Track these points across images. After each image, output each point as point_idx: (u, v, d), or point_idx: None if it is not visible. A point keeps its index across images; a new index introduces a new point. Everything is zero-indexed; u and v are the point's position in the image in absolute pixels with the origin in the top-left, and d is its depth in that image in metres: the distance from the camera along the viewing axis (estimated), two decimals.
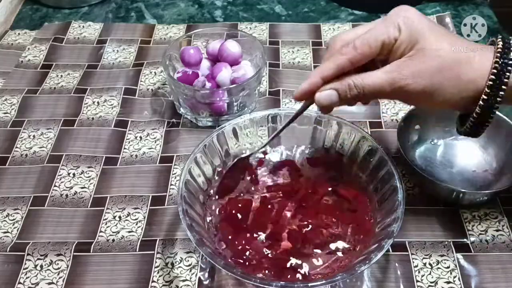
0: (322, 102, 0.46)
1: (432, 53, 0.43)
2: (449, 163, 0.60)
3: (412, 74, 0.43)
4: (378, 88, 0.44)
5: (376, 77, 0.44)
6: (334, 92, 0.45)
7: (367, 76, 0.44)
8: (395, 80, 0.43)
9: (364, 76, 0.45)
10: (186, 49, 0.67)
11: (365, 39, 0.45)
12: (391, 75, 0.43)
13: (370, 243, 0.46)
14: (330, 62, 0.46)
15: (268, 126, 0.57)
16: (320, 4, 0.89)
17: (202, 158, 0.52)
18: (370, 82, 0.44)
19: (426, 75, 0.43)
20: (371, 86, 0.44)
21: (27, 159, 0.62)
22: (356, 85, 0.44)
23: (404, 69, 0.43)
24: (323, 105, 0.46)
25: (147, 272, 0.51)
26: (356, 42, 0.45)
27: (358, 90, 0.44)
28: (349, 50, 0.45)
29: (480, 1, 0.88)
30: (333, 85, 0.46)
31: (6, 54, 0.78)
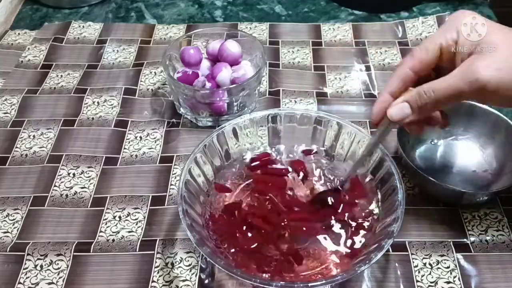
0: (394, 116, 0.45)
1: (500, 44, 0.42)
2: (449, 163, 0.60)
3: (486, 64, 0.41)
4: (452, 87, 0.42)
5: (447, 79, 0.43)
6: (405, 103, 0.45)
7: (438, 81, 0.43)
8: (471, 75, 0.41)
9: (434, 82, 0.44)
10: (186, 49, 0.67)
11: (422, 45, 0.45)
12: (465, 72, 0.42)
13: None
14: (393, 77, 0.46)
15: (268, 126, 0.57)
16: (320, 4, 0.89)
17: (202, 158, 0.52)
18: (441, 85, 0.43)
19: (502, 62, 0.41)
20: (443, 88, 0.43)
21: (27, 159, 0.62)
22: (426, 90, 0.43)
23: (475, 62, 0.42)
24: (396, 119, 0.45)
25: (147, 272, 0.51)
26: (414, 50, 0.45)
27: (428, 94, 0.43)
28: (408, 59, 0.45)
29: (480, 1, 0.88)
30: (402, 97, 0.45)
31: (6, 54, 0.78)
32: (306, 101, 0.69)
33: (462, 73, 0.42)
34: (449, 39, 0.44)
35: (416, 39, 0.79)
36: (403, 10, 0.87)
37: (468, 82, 0.41)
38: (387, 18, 0.85)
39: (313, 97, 0.70)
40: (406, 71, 0.45)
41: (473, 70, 0.41)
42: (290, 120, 0.57)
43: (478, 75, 0.41)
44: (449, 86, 0.42)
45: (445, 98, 0.43)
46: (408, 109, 0.45)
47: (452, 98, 0.43)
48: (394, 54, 0.77)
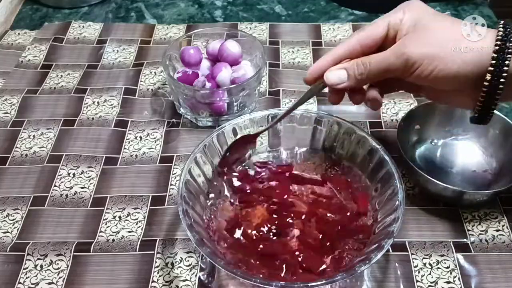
0: (331, 79, 0.48)
1: (431, 26, 0.46)
2: (449, 163, 0.60)
3: (415, 42, 0.45)
4: (385, 61, 0.46)
5: (382, 53, 0.47)
6: (342, 70, 0.48)
7: (374, 54, 0.47)
8: (400, 50, 0.45)
9: (371, 55, 0.47)
10: (186, 49, 0.67)
11: (373, 21, 0.48)
12: (396, 47, 0.46)
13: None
14: (340, 45, 0.49)
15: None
16: (320, 4, 0.89)
17: (202, 158, 0.52)
18: (376, 57, 0.47)
19: (427, 42, 0.45)
20: (377, 60, 0.46)
21: (27, 159, 0.62)
22: (363, 61, 0.47)
23: (407, 39, 0.46)
24: (331, 82, 0.48)
25: (147, 272, 0.51)
26: (365, 25, 0.48)
27: (364, 65, 0.47)
28: (356, 32, 0.48)
29: (480, 1, 0.88)
30: (341, 65, 0.48)
31: (6, 54, 0.78)
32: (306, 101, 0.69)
33: (394, 48, 0.46)
34: (397, 19, 0.47)
35: None
36: None
37: (396, 55, 0.45)
38: None
39: (313, 97, 0.70)
40: (354, 42, 0.48)
41: (402, 45, 0.46)
42: (290, 120, 0.57)
43: (404, 49, 0.45)
44: (382, 59, 0.46)
45: (379, 70, 0.47)
46: (345, 75, 0.48)
47: (384, 70, 0.46)
48: None
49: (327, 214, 0.52)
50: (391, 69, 0.46)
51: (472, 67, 0.44)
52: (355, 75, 0.47)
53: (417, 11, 0.47)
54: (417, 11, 0.47)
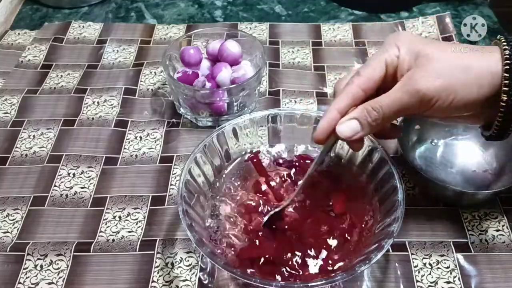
0: (344, 132, 0.45)
1: (436, 55, 0.43)
2: (449, 163, 0.60)
3: (425, 74, 0.43)
4: (397, 103, 0.43)
5: (390, 93, 0.44)
6: (354, 120, 0.45)
7: (383, 96, 0.44)
8: (411, 87, 0.43)
9: (379, 98, 0.44)
10: (186, 49, 0.67)
11: (367, 63, 0.45)
12: (406, 85, 0.43)
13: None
14: (342, 95, 0.46)
15: (268, 126, 0.57)
16: (320, 4, 0.89)
17: (202, 158, 0.52)
18: (386, 99, 0.44)
19: (438, 72, 0.43)
20: (389, 103, 0.44)
21: (27, 159, 0.62)
22: (374, 107, 0.44)
23: (414, 74, 0.43)
24: (346, 136, 0.45)
25: (147, 272, 0.51)
26: (360, 69, 0.45)
27: (376, 111, 0.44)
28: (355, 78, 0.45)
29: (480, 1, 0.88)
30: (350, 114, 0.45)
31: (6, 54, 0.78)
32: (306, 101, 0.69)
33: (403, 86, 0.43)
34: (392, 54, 0.45)
35: None
36: (403, 10, 0.87)
37: (410, 94, 0.43)
38: (387, 18, 0.85)
39: (313, 97, 0.70)
40: (356, 89, 0.45)
41: (412, 82, 0.43)
42: (290, 120, 0.57)
43: (418, 86, 0.42)
44: (394, 101, 0.43)
45: (392, 112, 0.44)
46: (357, 125, 0.45)
47: (398, 111, 0.44)
48: None
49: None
50: (407, 108, 0.44)
51: (488, 89, 0.42)
52: (369, 122, 0.44)
53: (411, 43, 0.44)
54: (411, 43, 0.44)
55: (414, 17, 0.84)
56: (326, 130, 0.46)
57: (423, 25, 0.81)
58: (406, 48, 0.44)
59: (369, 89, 0.45)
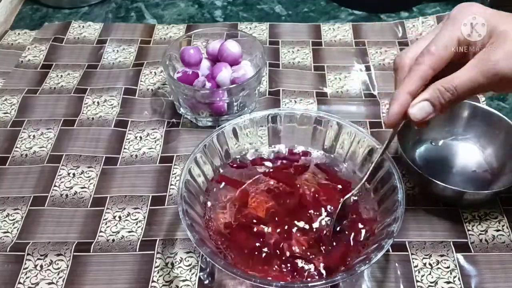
0: (418, 116, 0.44)
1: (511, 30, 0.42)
2: (449, 163, 0.60)
3: (504, 55, 0.42)
4: (472, 83, 0.42)
5: (466, 73, 0.43)
6: (426, 102, 0.44)
7: (456, 76, 0.43)
8: (489, 67, 0.42)
9: (452, 77, 0.43)
10: (186, 49, 0.67)
11: (439, 41, 0.44)
12: (483, 65, 0.42)
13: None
14: (411, 76, 0.44)
15: (268, 126, 0.57)
16: (320, 4, 0.89)
17: (202, 158, 0.52)
18: (460, 80, 0.43)
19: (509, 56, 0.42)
20: (464, 84, 0.43)
21: (27, 159, 0.62)
22: (447, 87, 0.43)
23: (492, 54, 0.42)
24: (419, 119, 0.44)
25: (147, 272, 0.51)
26: (431, 47, 0.44)
27: (450, 92, 0.43)
28: (426, 57, 0.44)
29: (480, 1, 0.88)
30: (422, 96, 0.44)
31: (6, 54, 0.78)
32: (306, 101, 0.69)
33: (480, 67, 0.42)
34: (464, 33, 0.43)
35: (416, 39, 0.79)
36: (403, 10, 0.87)
37: (487, 75, 0.42)
38: (387, 18, 0.85)
39: (313, 97, 0.70)
40: (428, 70, 0.44)
41: (491, 63, 0.42)
42: (290, 120, 0.57)
43: (496, 68, 0.41)
44: (469, 81, 0.42)
45: (466, 92, 0.43)
46: (430, 107, 0.44)
47: (472, 91, 0.43)
48: (394, 54, 0.77)
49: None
50: (482, 88, 0.43)
51: None
52: (441, 103, 0.44)
53: (485, 18, 0.43)
54: (485, 18, 0.43)
55: (414, 17, 0.84)
56: (399, 115, 0.45)
57: (423, 25, 0.81)
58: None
59: (439, 68, 0.44)
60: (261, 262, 0.47)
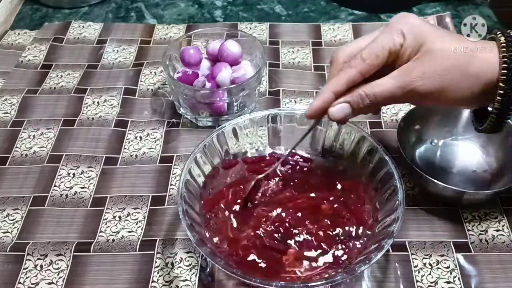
0: (336, 116, 0.47)
1: (438, 54, 0.44)
2: (449, 163, 0.60)
3: (422, 75, 0.44)
4: (389, 94, 0.45)
5: (386, 84, 0.45)
6: (346, 104, 0.46)
7: (377, 84, 0.45)
8: (406, 83, 0.44)
9: (374, 85, 0.45)
10: (186, 49, 0.67)
11: (372, 49, 0.45)
12: (401, 79, 0.44)
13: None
14: (340, 77, 0.46)
15: (268, 126, 0.57)
16: (320, 4, 0.89)
17: (202, 158, 0.52)
18: (380, 89, 0.45)
19: (435, 74, 0.44)
20: (383, 93, 0.45)
21: (27, 159, 0.62)
22: (368, 94, 0.45)
23: (412, 71, 0.44)
24: (337, 119, 0.47)
25: (147, 272, 0.51)
26: (364, 53, 0.45)
27: (370, 99, 0.45)
28: (357, 62, 0.45)
29: (480, 1, 0.88)
30: (345, 98, 0.46)
31: (6, 54, 0.78)
32: (306, 101, 0.69)
33: (399, 80, 0.44)
34: (397, 44, 0.45)
35: None
36: (403, 10, 0.87)
37: (403, 90, 0.44)
38: (387, 18, 0.85)
39: (313, 97, 0.70)
40: (356, 74, 0.46)
41: (408, 78, 0.44)
42: (290, 120, 0.57)
43: (412, 85, 0.44)
44: (388, 92, 0.45)
45: (384, 101, 0.46)
46: (349, 109, 0.46)
47: (390, 100, 0.46)
48: None
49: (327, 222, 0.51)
50: (398, 100, 0.46)
51: (482, 88, 0.43)
52: (360, 108, 0.46)
53: (417, 32, 0.44)
54: (417, 32, 0.44)
55: None
56: (319, 110, 0.48)
57: None
58: (412, 37, 0.44)
59: (368, 74, 0.46)
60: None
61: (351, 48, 0.47)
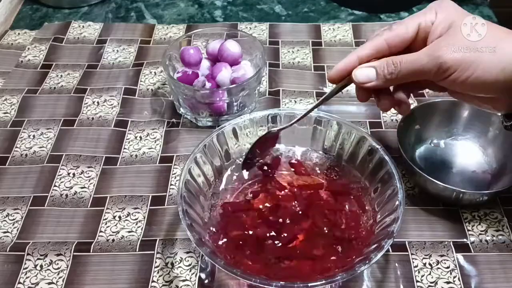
0: (359, 77, 0.46)
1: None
2: (449, 163, 0.60)
3: (449, 44, 0.43)
4: (416, 61, 0.44)
5: (413, 54, 0.45)
6: (371, 68, 0.46)
7: (406, 54, 0.45)
8: (434, 52, 0.43)
9: (403, 55, 0.45)
10: (186, 49, 0.67)
11: (402, 22, 0.46)
12: (429, 49, 0.44)
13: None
14: (365, 44, 0.47)
15: (268, 126, 0.57)
16: (320, 4, 0.89)
17: (202, 158, 0.52)
18: (407, 57, 0.45)
19: (465, 46, 0.43)
20: (408, 60, 0.44)
21: (27, 159, 0.62)
22: (394, 61, 0.45)
23: (441, 42, 0.44)
24: (360, 80, 0.47)
25: (147, 272, 0.51)
26: (393, 24, 0.46)
27: (395, 65, 0.45)
28: (385, 32, 0.46)
29: (480, 1, 0.88)
30: (370, 63, 0.46)
31: (6, 54, 0.78)
32: (306, 101, 0.69)
33: (427, 50, 0.44)
34: (428, 20, 0.45)
35: None
36: (403, 10, 0.87)
37: (429, 58, 0.43)
38: (387, 18, 0.85)
39: (313, 97, 0.70)
40: (382, 41, 0.46)
41: (436, 47, 0.44)
42: (290, 120, 0.57)
43: (439, 52, 0.43)
44: (415, 60, 0.44)
45: (409, 71, 0.45)
46: (374, 73, 0.46)
47: (415, 72, 0.45)
48: None
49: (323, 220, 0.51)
50: (423, 71, 0.44)
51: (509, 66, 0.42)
52: (385, 74, 0.46)
53: (450, 12, 0.45)
54: (450, 12, 0.45)
55: None
56: (341, 72, 0.47)
57: None
58: (443, 15, 0.45)
59: (395, 45, 0.46)
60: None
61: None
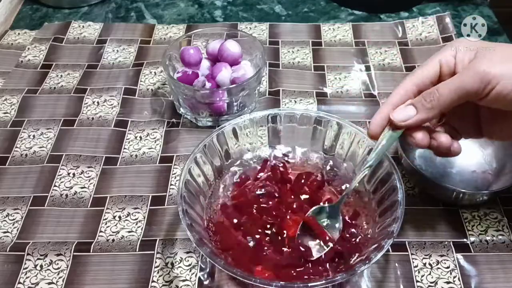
0: (398, 117, 0.45)
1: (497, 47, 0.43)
2: (449, 163, 0.60)
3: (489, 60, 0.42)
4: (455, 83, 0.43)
5: (449, 79, 0.44)
6: (409, 106, 0.45)
7: (441, 83, 0.44)
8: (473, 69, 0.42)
9: (437, 85, 0.44)
10: (186, 49, 0.67)
11: (421, 65, 0.46)
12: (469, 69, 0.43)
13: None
14: (394, 91, 0.46)
15: (268, 126, 0.57)
16: (320, 4, 0.89)
17: (202, 158, 0.52)
18: (443, 84, 0.44)
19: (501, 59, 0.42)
20: (446, 85, 0.43)
21: (27, 159, 0.62)
22: (431, 91, 0.44)
23: (477, 61, 0.43)
24: (400, 119, 0.45)
25: (147, 272, 0.51)
26: (415, 68, 0.46)
27: (432, 94, 0.43)
28: (408, 76, 0.46)
29: (480, 1, 0.88)
30: (407, 102, 0.45)
31: (6, 54, 0.78)
32: (306, 101, 0.69)
33: (466, 71, 0.43)
34: (448, 55, 0.45)
35: (416, 39, 0.79)
36: (403, 10, 0.87)
37: (469, 75, 0.42)
38: (387, 18, 0.85)
39: (313, 97, 0.70)
40: (410, 86, 0.45)
41: (473, 66, 0.42)
42: (290, 120, 0.57)
43: (480, 67, 0.42)
44: (451, 83, 0.43)
45: (449, 95, 0.43)
46: (413, 110, 0.44)
47: (456, 94, 0.43)
48: (394, 54, 0.77)
49: None
50: (465, 88, 0.42)
51: None
52: (424, 104, 0.44)
53: (469, 44, 0.45)
54: (469, 44, 0.45)
55: (414, 17, 0.84)
56: (379, 123, 0.46)
57: (423, 25, 0.81)
58: (463, 46, 0.44)
59: (422, 85, 0.45)
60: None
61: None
